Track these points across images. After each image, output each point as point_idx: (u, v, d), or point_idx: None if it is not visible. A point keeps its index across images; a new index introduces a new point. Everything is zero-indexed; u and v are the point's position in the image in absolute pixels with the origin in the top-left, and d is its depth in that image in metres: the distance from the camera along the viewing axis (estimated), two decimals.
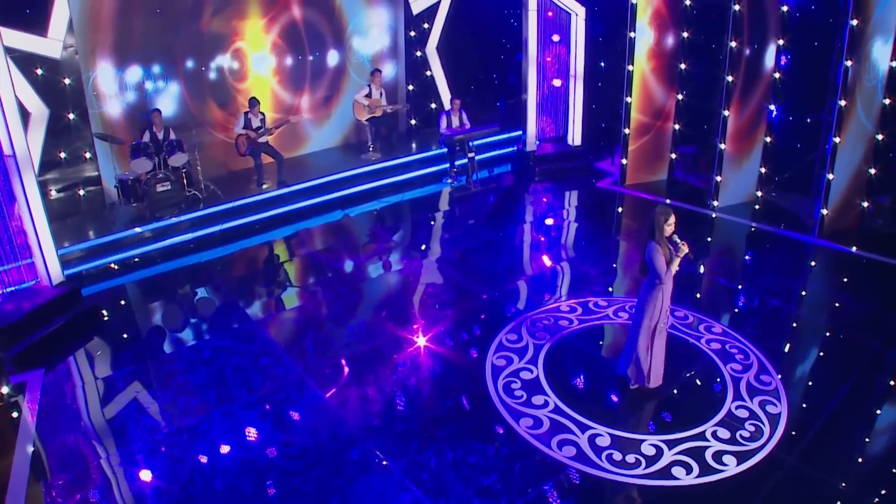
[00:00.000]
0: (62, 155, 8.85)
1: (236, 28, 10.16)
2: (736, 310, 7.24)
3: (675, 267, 5.29)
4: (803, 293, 7.73)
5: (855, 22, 7.78)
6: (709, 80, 9.39)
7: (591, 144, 11.76)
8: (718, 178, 9.44)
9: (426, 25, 11.94)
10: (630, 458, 4.93)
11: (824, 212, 8.39)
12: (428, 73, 12.29)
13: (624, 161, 10.59)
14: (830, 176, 8.24)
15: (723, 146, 9.24)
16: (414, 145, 11.81)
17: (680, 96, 10.14)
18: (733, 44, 8.69)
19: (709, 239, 9.02)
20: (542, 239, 9.33)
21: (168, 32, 9.52)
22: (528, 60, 10.89)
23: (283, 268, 8.79)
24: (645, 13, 9.64)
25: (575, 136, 11.61)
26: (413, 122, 12.44)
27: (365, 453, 5.08)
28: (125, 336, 7.06)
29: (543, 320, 6.82)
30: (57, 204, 8.93)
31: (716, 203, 9.53)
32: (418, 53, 12.05)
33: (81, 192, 9.15)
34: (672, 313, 6.75)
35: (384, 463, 4.97)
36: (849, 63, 7.93)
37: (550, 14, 10.94)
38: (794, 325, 7.09)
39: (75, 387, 6.29)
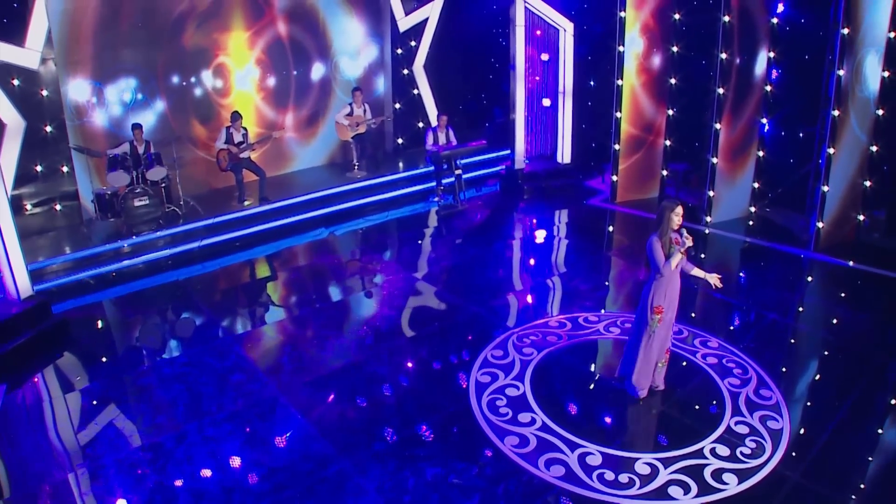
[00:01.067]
0: (38, 168, 8.60)
1: (219, 43, 10.00)
2: (732, 324, 6.97)
3: (675, 260, 5.05)
4: (801, 307, 7.47)
5: (846, 31, 7.68)
6: (700, 94, 9.26)
7: (581, 163, 11.59)
8: (711, 194, 9.25)
9: (413, 43, 11.84)
10: (623, 478, 4.60)
11: (820, 225, 8.19)
12: (415, 91, 12.15)
13: (614, 178, 10.41)
14: (825, 188, 8.05)
15: (715, 160, 9.07)
16: (401, 164, 11.61)
17: (671, 111, 10.01)
18: (723, 55, 8.57)
19: (702, 255, 8.78)
20: (531, 256, 9.08)
21: (150, 46, 9.33)
22: (515, 77, 10.78)
23: (263, 286, 8.50)
24: (633, 27, 9.55)
25: (564, 154, 11.45)
26: (400, 140, 12.26)
27: (339, 473, 4.73)
28: (94, 353, 6.71)
29: (531, 336, 6.52)
30: (32, 219, 8.65)
31: (709, 219, 9.32)
32: (405, 71, 11.93)
33: (58, 207, 8.87)
34: None
35: (359, 484, 4.62)
36: (841, 73, 7.81)
37: (539, 33, 10.87)
38: (793, 338, 6.82)
39: (38, 403, 5.92)
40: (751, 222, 9.33)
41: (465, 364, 6.07)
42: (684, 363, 6.01)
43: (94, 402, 5.76)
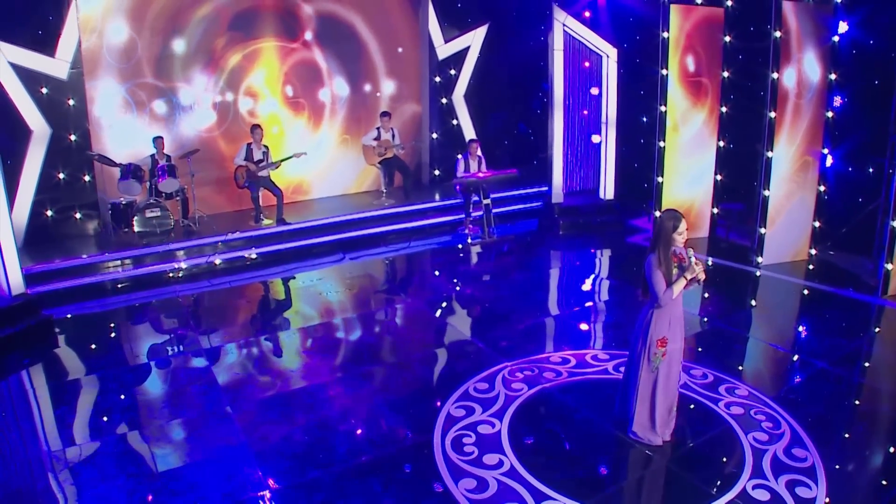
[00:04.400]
0: (61, 176, 8.68)
1: (250, 61, 10.02)
2: (769, 371, 5.89)
3: (678, 287, 4.19)
4: (860, 358, 6.26)
5: None
6: (755, 124, 8.33)
7: (626, 199, 10.74)
8: (763, 231, 8.19)
9: (453, 72, 11.53)
10: None
11: (889, 267, 6.99)
12: (454, 121, 11.78)
13: (657, 214, 9.48)
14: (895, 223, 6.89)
15: (767, 193, 8.05)
16: (437, 195, 11.14)
17: (721, 143, 9.12)
18: (775, 75, 7.67)
19: (753, 301, 7.72)
20: (553, 290, 8.27)
21: (182, 61, 9.45)
22: (553, 104, 10.17)
23: (259, 305, 8.08)
24: (678, 49, 8.80)
25: (607, 189, 10.64)
26: (437, 172, 11.86)
27: (257, 500, 4.07)
28: (68, 355, 6.47)
29: (525, 370, 5.70)
30: (51, 224, 8.70)
31: (760, 259, 8.23)
32: (444, 100, 11.60)
33: (78, 215, 8.90)
34: (687, 371, 5.54)
35: None
36: None
37: (588, 64, 10.29)
38: (846, 393, 5.62)
39: (4, 398, 5.64)
40: (811, 266, 8.18)
41: (441, 395, 5.32)
42: (692, 406, 5.03)
43: (48, 399, 5.46)
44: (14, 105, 8.16)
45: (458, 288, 8.22)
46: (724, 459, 4.45)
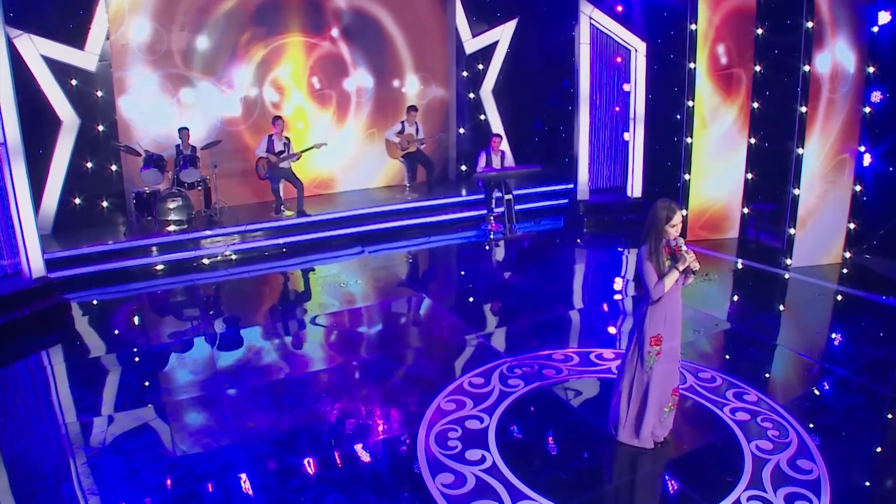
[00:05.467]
0: (89, 165, 8.93)
1: (278, 55, 10.11)
2: (784, 377, 5.57)
3: (670, 280, 3.98)
4: (888, 368, 5.84)
5: None
6: (787, 120, 7.93)
7: (655, 198, 10.36)
8: (792, 232, 7.79)
9: (481, 66, 11.39)
10: None
11: None
12: (482, 116, 11.64)
13: (684, 212, 9.14)
14: None
15: (797, 192, 7.66)
16: (464, 191, 11.02)
17: (753, 140, 8.74)
18: (806, 68, 7.28)
19: (772, 300, 7.35)
20: (568, 287, 8.06)
21: (208, 55, 9.61)
22: (579, 100, 9.93)
23: (271, 296, 8.13)
24: (707, 41, 8.46)
25: (634, 186, 10.33)
26: (463, 167, 11.74)
27: (226, 482, 4.05)
28: (79, 336, 6.65)
29: (526, 367, 5.54)
30: (79, 211, 8.96)
31: (789, 262, 7.83)
32: (471, 95, 11.47)
33: (105, 204, 9.14)
34: (696, 374, 5.30)
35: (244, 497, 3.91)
36: None
37: (620, 60, 9.99)
38: (866, 404, 5.23)
39: (15, 380, 5.85)
40: (844, 270, 7.74)
41: (436, 388, 5.22)
42: (692, 408, 4.78)
43: (53, 376, 5.70)
44: (45, 96, 8.44)
45: (470, 283, 8.09)
46: (721, 467, 4.20)
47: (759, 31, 8.31)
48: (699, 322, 6.66)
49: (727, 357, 5.91)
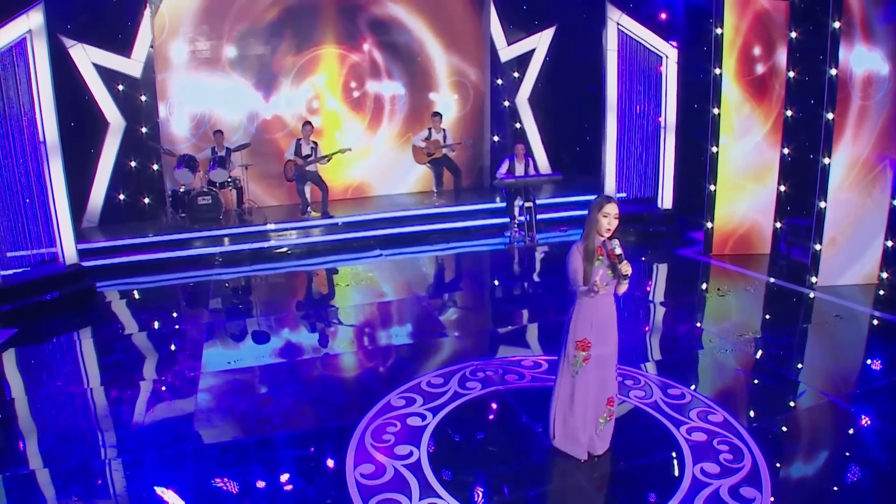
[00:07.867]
0: (132, 164, 9.63)
1: (314, 63, 10.51)
2: (760, 399, 5.18)
3: (598, 279, 3.82)
4: (885, 398, 5.29)
5: None
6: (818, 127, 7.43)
7: (686, 210, 9.96)
8: (818, 247, 7.26)
9: (516, 74, 11.35)
10: None
11: None
12: (517, 125, 11.58)
13: (710, 225, 8.71)
14: None
15: (823, 205, 7.13)
16: (498, 199, 10.97)
17: (786, 150, 8.23)
18: (833, 72, 6.79)
19: (786, 320, 6.85)
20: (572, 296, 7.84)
21: (246, 61, 10.15)
22: (606, 107, 9.69)
23: (273, 293, 8.41)
24: (735, 46, 8.06)
25: (664, 197, 9.93)
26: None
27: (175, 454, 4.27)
28: (100, 322, 7.14)
29: (489, 370, 5.47)
30: (123, 207, 9.67)
31: (814, 280, 7.29)
32: (506, 103, 11.45)
33: (146, 200, 9.81)
34: (665, 389, 5.05)
35: (171, 475, 4.10)
36: None
37: (650, 67, 9.69)
38: (842, 433, 4.72)
39: (38, 352, 6.39)
40: (881, 291, 7.12)
41: (393, 385, 5.25)
42: (642, 419, 4.54)
43: (65, 353, 6.25)
44: (95, 100, 9.20)
45: (473, 288, 8.06)
46: (652, 487, 3.98)
47: (793, 34, 7.85)
48: (693, 337, 6.36)
49: (709, 376, 5.58)
